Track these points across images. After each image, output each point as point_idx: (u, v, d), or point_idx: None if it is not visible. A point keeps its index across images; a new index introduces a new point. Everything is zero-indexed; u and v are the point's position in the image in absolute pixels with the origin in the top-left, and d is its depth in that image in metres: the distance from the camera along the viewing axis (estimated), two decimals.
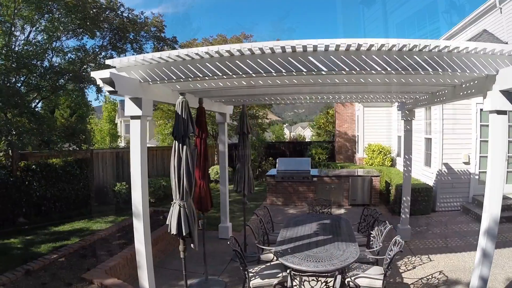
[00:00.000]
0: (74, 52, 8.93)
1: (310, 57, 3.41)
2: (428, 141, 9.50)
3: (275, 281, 4.29)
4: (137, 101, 3.83)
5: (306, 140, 29.57)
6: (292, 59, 3.44)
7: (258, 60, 3.50)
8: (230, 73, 3.60)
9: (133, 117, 3.90)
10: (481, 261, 3.81)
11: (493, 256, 3.82)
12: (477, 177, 8.67)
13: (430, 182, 9.07)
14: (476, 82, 4.15)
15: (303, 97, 6.52)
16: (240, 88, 4.98)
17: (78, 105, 10.70)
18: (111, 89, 3.36)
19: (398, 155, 12.98)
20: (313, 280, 3.61)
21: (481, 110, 8.53)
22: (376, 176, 10.02)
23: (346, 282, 4.24)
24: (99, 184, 10.40)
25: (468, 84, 4.40)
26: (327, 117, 24.05)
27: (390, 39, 3.28)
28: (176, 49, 11.37)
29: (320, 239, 4.93)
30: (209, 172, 14.74)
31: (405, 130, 7.02)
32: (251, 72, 3.56)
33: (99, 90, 9.73)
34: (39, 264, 4.88)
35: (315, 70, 3.44)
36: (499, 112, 3.69)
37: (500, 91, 3.56)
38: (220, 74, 3.62)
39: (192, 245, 4.02)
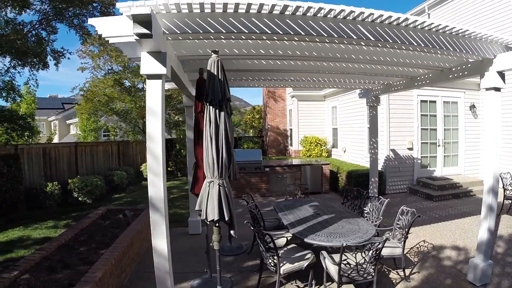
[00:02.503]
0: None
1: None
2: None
3: (305, 263, 4.05)
4: (160, 56, 3.08)
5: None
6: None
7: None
8: (281, 32, 3.20)
9: (152, 77, 3.11)
10: (487, 215, 4.24)
11: (496, 210, 4.29)
12: (419, 161, 9.67)
13: (378, 168, 9.74)
14: (469, 65, 4.72)
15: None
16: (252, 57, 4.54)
17: (3, 89, 8.37)
18: (146, 31, 2.59)
19: (334, 146, 13.79)
20: (366, 250, 3.55)
21: (421, 101, 9.57)
22: (326, 164, 10.36)
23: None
24: (27, 185, 8.50)
25: (459, 68, 4.93)
26: (253, 113, 24.54)
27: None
28: None
29: (326, 218, 4.94)
30: (142, 169, 13.51)
31: (371, 115, 7.34)
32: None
33: (45, 63, 7.85)
34: None
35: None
36: (496, 89, 4.28)
37: (497, 71, 4.20)
38: (269, 32, 3.19)
39: (232, 232, 3.44)
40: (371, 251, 3.57)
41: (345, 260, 3.59)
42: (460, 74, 4.95)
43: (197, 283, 4.45)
